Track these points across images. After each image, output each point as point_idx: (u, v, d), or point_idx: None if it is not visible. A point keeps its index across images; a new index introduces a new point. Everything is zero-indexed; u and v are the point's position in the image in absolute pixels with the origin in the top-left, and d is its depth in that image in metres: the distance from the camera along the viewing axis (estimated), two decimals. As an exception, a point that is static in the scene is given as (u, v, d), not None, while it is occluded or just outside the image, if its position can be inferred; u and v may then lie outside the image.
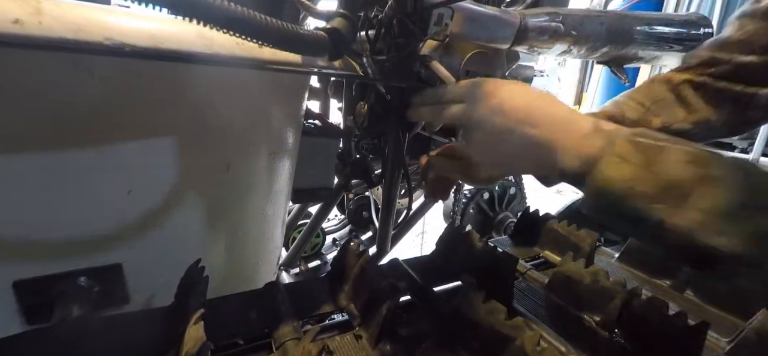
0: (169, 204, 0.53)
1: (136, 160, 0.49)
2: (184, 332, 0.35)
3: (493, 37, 0.62)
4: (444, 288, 0.54)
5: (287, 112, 0.61)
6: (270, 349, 0.40)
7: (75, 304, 0.47)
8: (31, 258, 0.46)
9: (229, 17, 0.33)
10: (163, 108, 0.48)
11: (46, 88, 0.40)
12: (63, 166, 0.44)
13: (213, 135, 0.54)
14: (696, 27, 0.77)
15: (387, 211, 0.78)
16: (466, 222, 1.61)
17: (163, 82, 0.47)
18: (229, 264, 0.64)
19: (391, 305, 0.40)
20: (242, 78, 0.52)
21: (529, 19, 0.64)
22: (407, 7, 0.47)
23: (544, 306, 0.52)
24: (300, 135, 0.65)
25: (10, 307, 0.46)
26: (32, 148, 0.42)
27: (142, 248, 0.53)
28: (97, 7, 0.34)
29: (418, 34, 0.49)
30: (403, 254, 0.62)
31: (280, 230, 0.73)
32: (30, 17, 0.28)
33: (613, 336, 0.46)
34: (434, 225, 2.09)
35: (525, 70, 0.99)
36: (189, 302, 0.39)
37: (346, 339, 0.42)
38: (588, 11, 0.70)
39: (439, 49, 0.59)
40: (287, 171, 0.66)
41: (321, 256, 1.44)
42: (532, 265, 0.63)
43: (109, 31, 0.33)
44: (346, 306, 0.47)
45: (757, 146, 2.32)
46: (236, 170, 0.58)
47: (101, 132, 0.45)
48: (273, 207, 0.67)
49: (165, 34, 0.37)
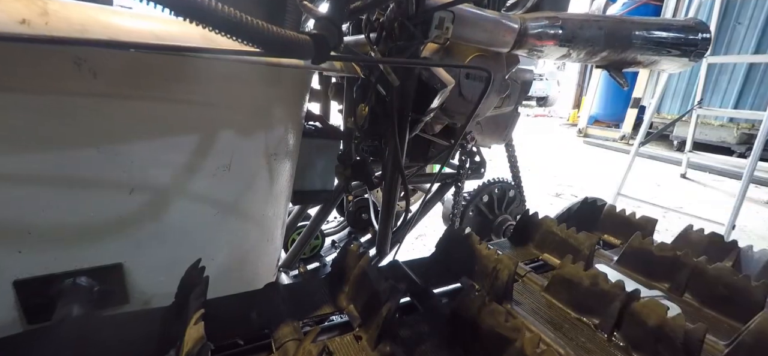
0: (170, 205, 0.54)
1: (137, 161, 0.49)
2: (184, 332, 0.35)
3: (494, 41, 0.63)
4: (444, 289, 0.54)
5: (288, 114, 0.61)
6: (270, 349, 0.40)
7: (75, 304, 0.46)
8: (32, 257, 0.46)
9: (217, 17, 0.33)
10: (164, 109, 0.49)
11: (49, 88, 0.40)
12: (65, 166, 0.45)
13: (214, 136, 0.54)
14: (694, 32, 0.78)
15: (387, 213, 0.78)
16: (465, 225, 1.61)
17: (165, 84, 0.47)
18: (229, 265, 0.64)
19: (391, 306, 0.40)
20: (244, 80, 0.53)
21: (529, 24, 0.64)
22: (409, 10, 0.47)
23: (544, 309, 0.52)
24: (300, 137, 0.65)
25: (11, 306, 0.46)
26: (34, 148, 0.42)
27: (143, 248, 0.53)
28: (102, 8, 0.35)
29: (420, 37, 0.50)
30: (402, 256, 0.62)
31: (280, 231, 0.74)
32: (37, 18, 0.29)
33: (612, 338, 0.46)
34: (434, 227, 2.09)
35: (524, 73, 1.00)
36: (189, 302, 0.39)
37: (346, 340, 0.42)
38: (587, 16, 0.71)
39: (440, 51, 0.60)
40: (287, 172, 0.66)
41: (320, 258, 1.43)
42: (531, 268, 0.63)
43: (114, 32, 0.33)
44: (346, 308, 0.47)
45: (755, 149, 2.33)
46: (237, 171, 0.58)
47: (103, 133, 0.46)
48: (273, 208, 0.67)
49: (169, 35, 0.37)
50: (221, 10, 0.32)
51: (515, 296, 0.54)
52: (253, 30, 0.36)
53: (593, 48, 0.71)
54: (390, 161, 0.71)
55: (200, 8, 0.31)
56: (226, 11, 0.33)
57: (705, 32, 0.79)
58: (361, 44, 0.56)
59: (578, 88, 7.70)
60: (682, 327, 0.41)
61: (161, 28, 0.38)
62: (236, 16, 0.34)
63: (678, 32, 0.77)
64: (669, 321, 0.42)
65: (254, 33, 0.36)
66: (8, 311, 0.46)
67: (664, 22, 0.78)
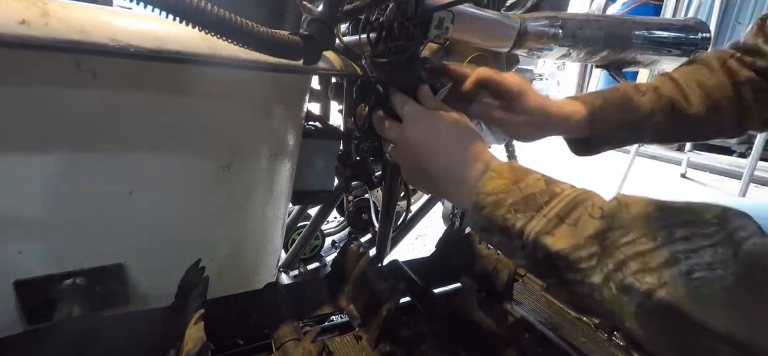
0: (170, 205, 0.54)
1: (137, 161, 0.49)
2: (184, 332, 0.35)
3: (493, 41, 0.63)
4: (444, 289, 0.54)
5: (288, 114, 0.61)
6: (270, 350, 0.40)
7: (75, 304, 0.47)
8: (32, 257, 0.46)
9: (208, 18, 0.33)
10: (164, 109, 0.49)
11: (49, 88, 0.41)
12: (64, 166, 0.45)
13: (214, 136, 0.54)
14: (694, 32, 0.78)
15: (387, 213, 0.78)
16: (465, 225, 1.61)
17: (165, 83, 0.47)
18: (229, 265, 0.64)
19: (391, 306, 0.40)
20: (243, 79, 0.53)
21: (528, 23, 0.64)
22: (408, 10, 0.47)
23: (544, 308, 0.52)
24: (300, 137, 0.65)
25: (11, 307, 0.46)
26: (34, 148, 0.42)
27: (143, 248, 0.53)
28: (102, 9, 0.35)
29: (419, 37, 0.50)
30: (402, 256, 0.62)
31: (280, 232, 0.73)
32: (37, 18, 0.29)
33: (613, 338, 0.46)
34: (434, 227, 2.09)
35: (524, 73, 1.00)
36: (189, 302, 0.39)
37: (346, 340, 0.42)
38: (587, 16, 0.71)
39: (440, 52, 0.60)
40: (287, 172, 0.66)
41: (320, 258, 1.43)
42: (531, 268, 0.63)
43: (114, 32, 0.33)
44: (346, 308, 0.47)
45: (755, 149, 2.33)
46: (237, 171, 0.58)
47: (103, 132, 0.46)
48: (273, 208, 0.67)
49: (170, 36, 0.37)
50: (211, 10, 0.33)
51: (515, 296, 0.54)
52: (244, 31, 0.36)
53: (593, 48, 0.71)
54: (390, 161, 0.71)
55: (190, 9, 0.31)
56: (217, 12, 0.33)
57: (705, 32, 0.79)
58: (361, 44, 0.56)
59: (578, 88, 7.70)
60: (682, 327, 0.41)
61: (161, 28, 0.38)
62: (227, 17, 0.34)
63: (678, 32, 0.77)
64: (669, 320, 0.42)
65: (245, 34, 0.36)
66: (8, 311, 0.46)
67: (664, 21, 0.78)
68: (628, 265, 0.26)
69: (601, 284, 0.28)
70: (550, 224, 0.31)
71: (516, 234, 0.32)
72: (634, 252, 0.26)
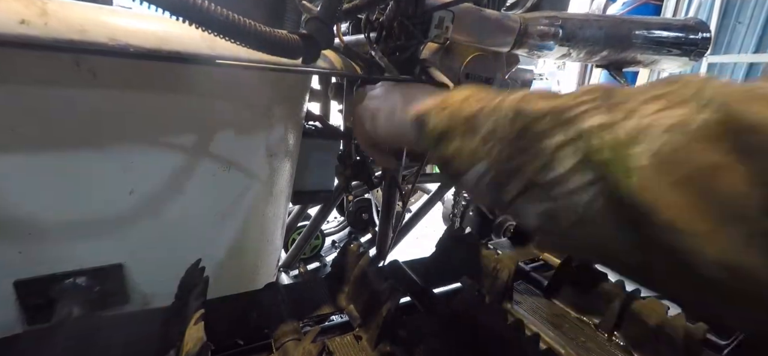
0: (170, 205, 0.53)
1: (137, 161, 0.49)
2: (184, 332, 0.35)
3: (494, 41, 0.63)
4: (444, 289, 0.54)
5: (288, 114, 0.61)
6: (270, 349, 0.40)
7: (75, 304, 0.47)
8: (32, 257, 0.46)
9: (208, 17, 0.33)
10: (164, 108, 0.49)
11: (49, 88, 0.40)
12: (64, 166, 0.45)
13: (214, 136, 0.54)
14: (694, 32, 0.78)
15: (387, 213, 0.78)
16: (465, 225, 1.61)
17: (164, 82, 0.47)
18: (229, 265, 0.64)
19: (391, 306, 0.40)
20: (244, 79, 0.53)
21: (529, 23, 0.64)
22: (409, 9, 0.47)
23: (544, 308, 0.52)
24: (300, 136, 0.65)
25: (11, 307, 0.46)
26: (34, 148, 0.42)
27: (143, 248, 0.53)
28: (102, 9, 0.35)
29: (419, 37, 0.50)
30: (402, 256, 0.62)
31: (280, 231, 0.73)
32: (36, 18, 0.29)
33: (613, 337, 0.46)
34: (434, 227, 2.09)
35: (524, 73, 1.00)
36: (189, 302, 0.39)
37: (347, 340, 0.42)
38: (587, 16, 0.71)
39: (440, 51, 0.60)
40: (288, 172, 0.66)
41: (320, 258, 1.43)
42: (531, 268, 0.63)
43: (114, 32, 0.33)
44: (346, 308, 0.47)
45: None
46: (237, 171, 0.58)
47: (103, 132, 0.46)
48: (273, 208, 0.67)
49: (169, 35, 0.37)
50: (212, 9, 0.33)
51: (515, 296, 0.54)
52: (244, 29, 0.36)
53: (593, 47, 0.71)
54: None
55: (191, 8, 0.31)
56: (217, 11, 0.33)
57: (705, 32, 0.78)
58: (361, 44, 0.56)
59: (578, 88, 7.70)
60: (682, 326, 0.41)
61: (162, 28, 0.38)
62: (227, 16, 0.34)
63: (678, 32, 0.77)
64: (670, 320, 0.42)
65: (245, 32, 0.36)
66: (8, 311, 0.46)
67: (664, 21, 0.78)
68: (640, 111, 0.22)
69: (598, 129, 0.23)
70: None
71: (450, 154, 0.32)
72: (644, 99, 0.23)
